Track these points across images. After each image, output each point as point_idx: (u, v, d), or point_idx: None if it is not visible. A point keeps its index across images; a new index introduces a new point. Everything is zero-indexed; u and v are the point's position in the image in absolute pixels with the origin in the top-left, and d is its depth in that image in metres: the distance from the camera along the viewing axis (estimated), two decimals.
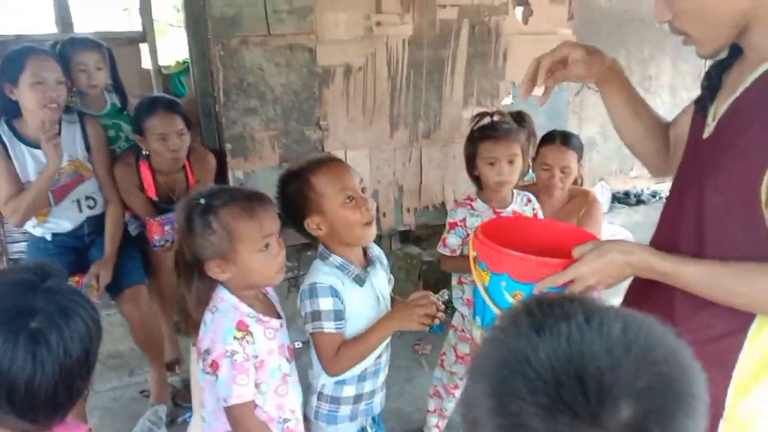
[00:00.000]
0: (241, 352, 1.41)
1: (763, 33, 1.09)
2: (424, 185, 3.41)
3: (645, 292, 1.29)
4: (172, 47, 6.60)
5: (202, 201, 1.43)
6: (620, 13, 3.68)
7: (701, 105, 1.26)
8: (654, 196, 4.06)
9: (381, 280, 1.74)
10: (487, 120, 2.46)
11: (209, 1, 2.79)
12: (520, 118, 3.07)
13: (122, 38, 4.92)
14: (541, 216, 2.47)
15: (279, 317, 1.57)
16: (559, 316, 0.58)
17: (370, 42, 3.11)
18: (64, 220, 2.59)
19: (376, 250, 1.78)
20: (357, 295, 1.62)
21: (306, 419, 1.69)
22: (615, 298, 1.44)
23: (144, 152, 2.62)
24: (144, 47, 4.98)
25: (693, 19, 1.11)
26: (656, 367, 0.55)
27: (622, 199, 4.11)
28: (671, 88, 3.93)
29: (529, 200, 2.47)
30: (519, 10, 3.41)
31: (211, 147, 3.10)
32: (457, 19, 3.26)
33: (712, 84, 1.23)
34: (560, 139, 2.68)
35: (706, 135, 1.21)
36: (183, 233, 1.44)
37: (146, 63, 5.04)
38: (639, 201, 4.06)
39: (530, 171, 2.95)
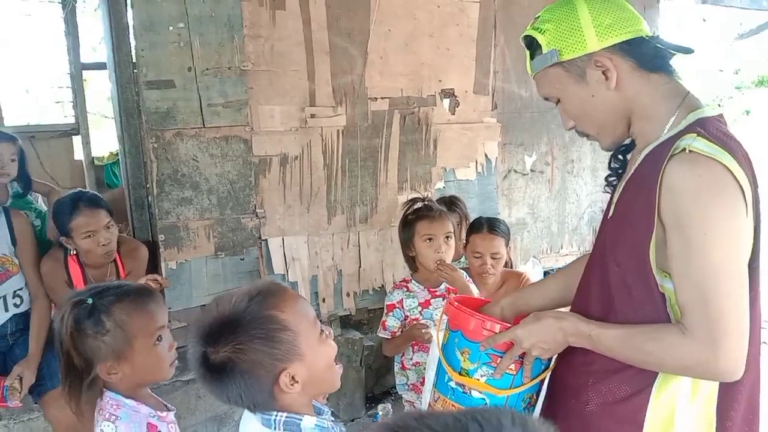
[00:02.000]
0: None
1: (641, 123, 1.31)
2: (363, 269, 3.43)
3: (564, 364, 1.40)
4: (106, 138, 6.56)
5: (90, 301, 1.37)
6: (540, 102, 3.94)
7: (609, 183, 1.46)
8: None
9: None
10: (419, 204, 2.57)
11: (143, 95, 2.83)
12: (452, 202, 3.22)
13: (55, 130, 4.88)
14: (475, 289, 2.55)
15: (168, 409, 1.51)
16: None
17: (305, 132, 3.20)
18: None
19: None
20: None
21: None
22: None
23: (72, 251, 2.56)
24: (77, 139, 4.95)
25: (587, 123, 1.35)
26: None
27: None
28: (592, 169, 4.18)
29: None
30: (446, 102, 3.61)
31: (143, 238, 3.05)
32: (388, 110, 3.42)
33: (617, 164, 1.44)
34: (487, 226, 2.80)
35: (610, 214, 1.37)
36: (71, 338, 1.37)
37: (79, 154, 5.00)
38: None
39: (463, 256, 3.04)
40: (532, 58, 1.37)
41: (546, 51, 1.30)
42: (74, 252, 2.55)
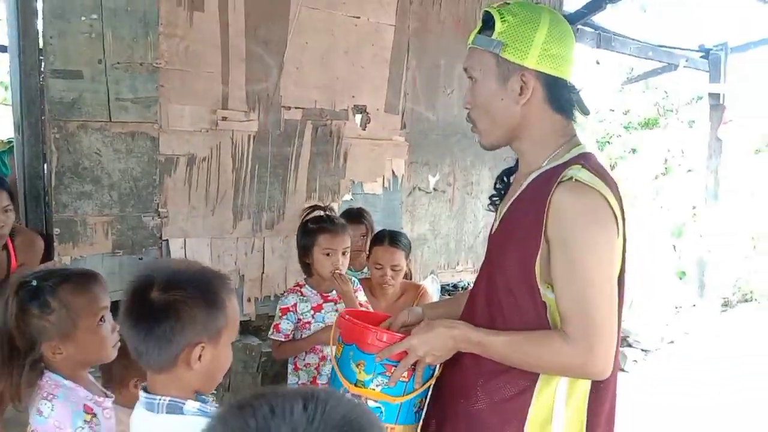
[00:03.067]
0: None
1: (528, 145, 1.44)
2: (266, 275, 3.46)
3: (455, 366, 1.50)
4: None
5: (34, 283, 1.42)
6: (446, 126, 4.16)
7: (492, 203, 1.60)
8: None
9: None
10: (319, 213, 2.64)
11: (48, 83, 2.74)
12: (360, 213, 3.31)
13: None
14: (363, 297, 2.63)
15: (107, 396, 1.54)
16: (247, 414, 0.62)
17: (215, 135, 3.21)
18: None
19: None
20: None
21: None
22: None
23: None
24: None
25: (481, 116, 1.44)
26: (339, 429, 0.61)
27: (450, 290, 4.45)
28: (489, 192, 4.43)
29: (350, 281, 2.63)
30: (358, 117, 3.73)
31: (37, 230, 2.93)
32: (301, 120, 3.49)
33: (501, 186, 1.58)
34: (389, 239, 2.92)
35: (493, 230, 1.52)
36: (16, 319, 1.40)
37: None
38: None
39: (366, 267, 3.15)
40: (479, 32, 1.42)
41: (494, 37, 1.37)
42: None
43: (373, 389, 1.49)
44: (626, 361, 4.66)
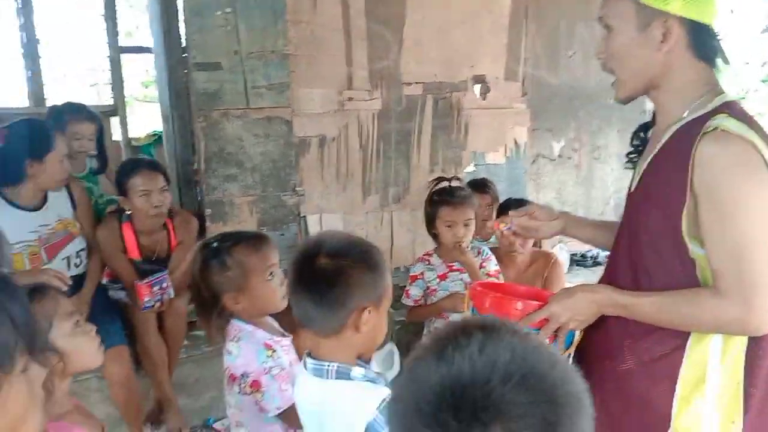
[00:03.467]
0: (276, 366, 1.60)
1: (669, 96, 1.37)
2: (396, 247, 3.57)
3: (601, 328, 1.47)
4: (138, 120, 6.77)
5: (215, 244, 1.65)
6: (569, 90, 4.03)
7: (630, 160, 1.53)
8: None
9: None
10: (444, 184, 2.67)
11: (192, 77, 2.98)
12: (484, 184, 3.32)
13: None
14: (495, 266, 2.65)
15: (284, 335, 1.73)
16: (457, 344, 0.63)
17: (342, 115, 3.34)
18: None
19: None
20: None
21: None
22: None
23: (127, 213, 2.72)
24: (114, 120, 5.11)
25: (620, 66, 1.39)
26: (532, 396, 0.60)
27: (579, 261, 4.34)
28: (618, 156, 4.26)
29: (479, 252, 2.66)
30: (477, 87, 3.72)
31: (192, 211, 3.21)
32: (422, 95, 3.54)
33: (639, 142, 1.52)
34: (515, 207, 2.89)
35: (632, 189, 1.46)
36: (201, 274, 1.64)
37: (116, 135, 5.16)
38: (596, 263, 4.29)
39: (493, 236, 3.16)
40: None
41: None
42: (128, 217, 2.71)
43: None
44: None
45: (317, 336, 1.26)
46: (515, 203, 2.97)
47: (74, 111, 3.00)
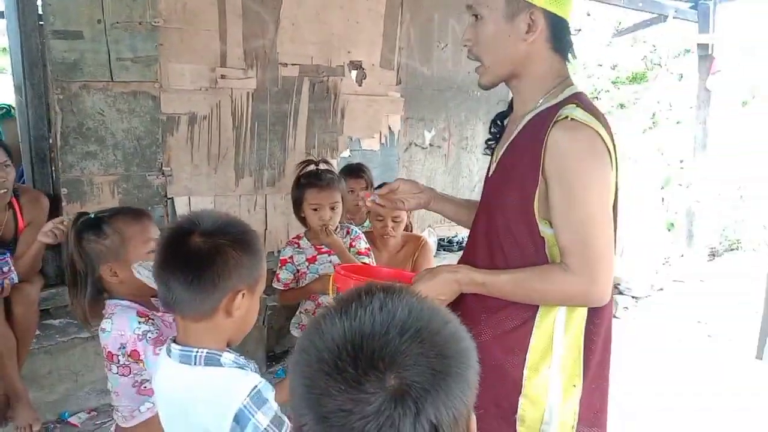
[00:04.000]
0: (152, 329, 1.53)
1: (527, 84, 1.48)
2: (269, 231, 3.53)
3: (460, 303, 1.58)
4: None
5: (92, 215, 1.59)
6: (440, 81, 4.19)
7: (488, 146, 1.66)
8: None
9: None
10: (311, 168, 2.68)
11: (49, 45, 2.74)
12: (360, 169, 3.38)
13: None
14: (365, 244, 2.71)
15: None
16: (360, 303, 0.69)
17: (215, 93, 3.24)
18: None
19: None
20: None
21: None
22: None
23: None
24: None
25: (486, 53, 1.46)
26: (425, 349, 0.66)
27: (446, 246, 4.56)
28: (484, 147, 4.50)
29: (348, 231, 2.71)
30: (354, 73, 3.76)
31: (41, 190, 2.97)
32: (298, 77, 3.52)
33: (496, 129, 1.63)
34: None
35: (490, 173, 1.58)
36: (77, 243, 1.56)
37: None
38: (461, 248, 4.50)
39: (367, 220, 3.23)
40: None
41: None
42: None
43: None
44: (617, 307, 4.81)
45: (185, 320, 1.21)
46: None
47: None
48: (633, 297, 5.12)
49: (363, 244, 2.73)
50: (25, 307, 2.58)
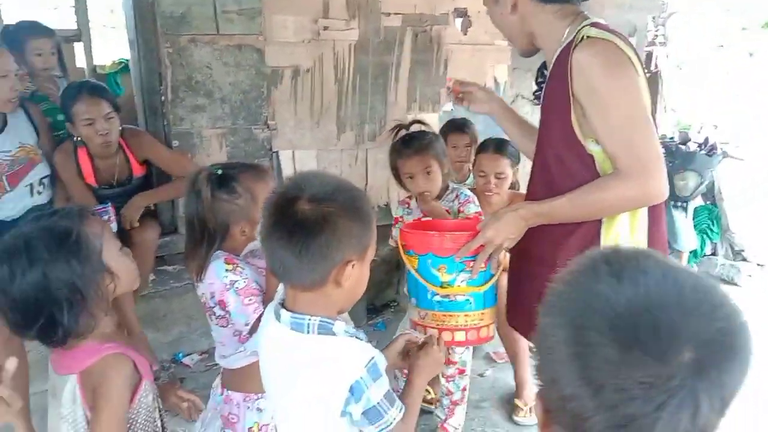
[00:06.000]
0: (240, 279, 1.54)
1: (542, 39, 1.63)
2: (370, 186, 3.50)
3: (530, 243, 1.66)
4: (104, 48, 6.44)
5: (219, 171, 1.58)
6: None
7: (536, 97, 1.79)
8: None
9: None
10: (402, 133, 2.55)
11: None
12: (464, 124, 3.24)
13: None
14: (475, 208, 2.57)
15: None
16: (636, 269, 0.67)
17: (317, 45, 3.19)
18: (12, 205, 2.55)
19: None
20: None
21: None
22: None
23: (77, 138, 2.60)
24: (78, 46, 4.85)
25: (501, 31, 1.73)
26: (718, 323, 0.64)
27: None
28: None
29: (457, 196, 2.57)
30: (458, 21, 3.58)
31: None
32: (401, 27, 3.40)
33: (541, 80, 1.75)
34: (494, 147, 2.84)
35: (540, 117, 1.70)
36: (207, 203, 1.55)
37: (80, 62, 4.91)
38: None
39: (471, 175, 3.11)
40: None
41: None
42: (83, 144, 2.60)
43: (460, 285, 1.67)
44: (740, 275, 4.44)
45: (294, 289, 1.15)
46: (494, 143, 2.92)
47: (29, 27, 2.91)
48: (758, 264, 4.70)
49: (473, 208, 2.59)
50: (142, 249, 2.69)
